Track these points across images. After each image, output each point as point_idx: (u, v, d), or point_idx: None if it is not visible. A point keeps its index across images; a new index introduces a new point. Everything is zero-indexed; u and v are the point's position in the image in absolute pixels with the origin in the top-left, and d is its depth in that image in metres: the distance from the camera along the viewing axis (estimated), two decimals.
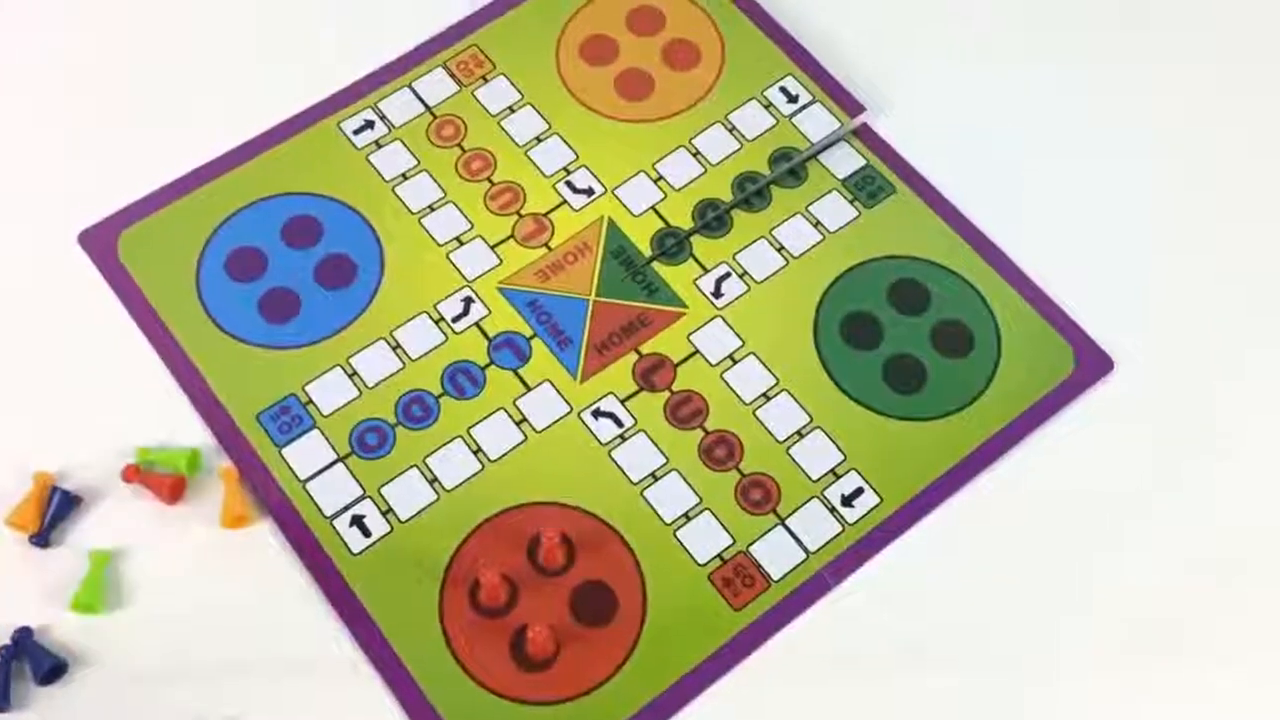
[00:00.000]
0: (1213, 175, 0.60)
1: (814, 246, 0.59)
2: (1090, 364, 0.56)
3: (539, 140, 0.61)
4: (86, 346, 0.56)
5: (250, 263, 0.57)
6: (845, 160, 0.61)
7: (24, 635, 0.49)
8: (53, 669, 0.49)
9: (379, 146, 0.61)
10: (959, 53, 0.64)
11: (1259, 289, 0.58)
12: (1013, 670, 0.50)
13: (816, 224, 0.59)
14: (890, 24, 0.64)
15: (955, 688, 0.50)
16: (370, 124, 0.61)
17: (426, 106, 0.62)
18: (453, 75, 0.63)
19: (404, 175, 0.60)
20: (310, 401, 0.55)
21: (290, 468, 0.53)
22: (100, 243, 0.58)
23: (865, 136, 0.61)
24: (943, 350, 0.56)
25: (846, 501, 0.53)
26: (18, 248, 0.58)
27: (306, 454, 0.54)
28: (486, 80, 0.63)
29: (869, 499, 0.53)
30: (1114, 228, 0.59)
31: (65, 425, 0.54)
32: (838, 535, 0.52)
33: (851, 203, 0.60)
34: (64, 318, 0.57)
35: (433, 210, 0.59)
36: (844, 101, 0.62)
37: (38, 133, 0.61)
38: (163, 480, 0.52)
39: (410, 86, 0.62)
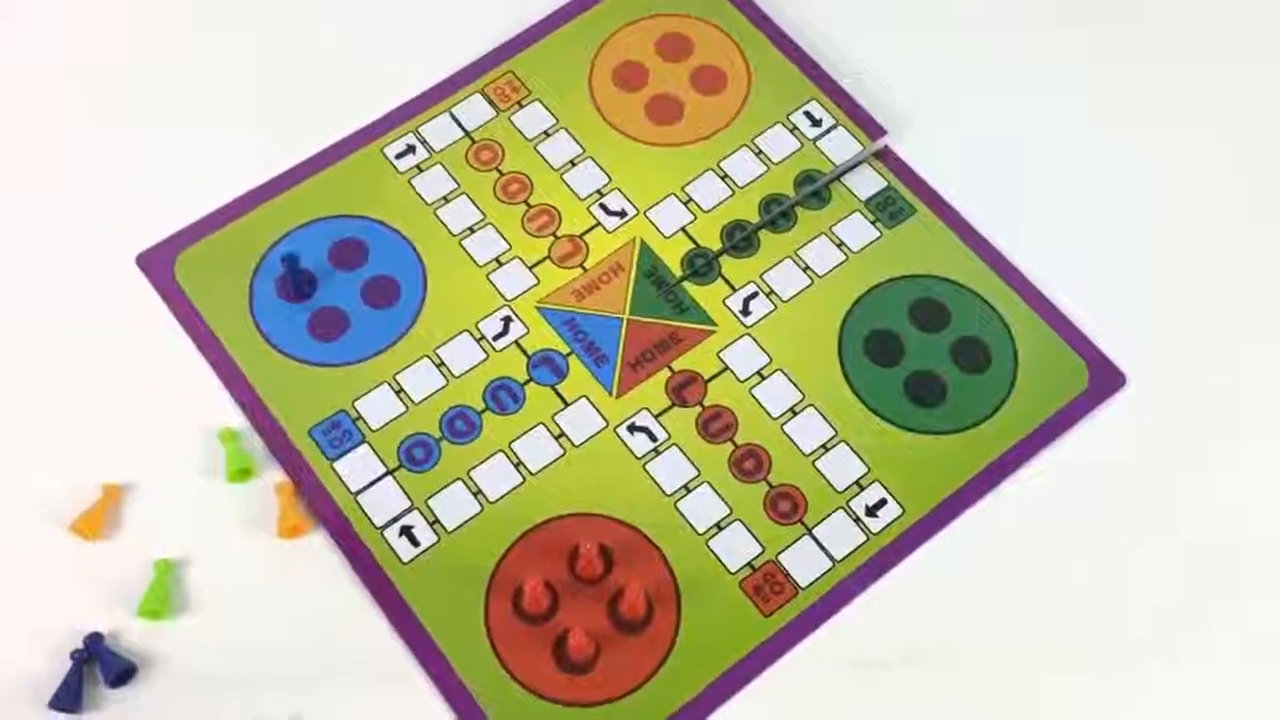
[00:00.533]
0: (1225, 203, 0.63)
1: (838, 266, 0.61)
2: (1103, 379, 0.58)
3: (573, 164, 0.64)
4: (147, 364, 0.59)
5: (301, 284, 0.60)
6: (867, 182, 0.63)
7: (95, 640, 0.52)
8: (123, 672, 0.52)
9: (420, 170, 0.64)
10: (979, 78, 0.66)
11: (1267, 309, 0.60)
12: (1027, 675, 0.53)
13: (840, 244, 0.62)
14: (912, 49, 0.67)
15: (972, 691, 0.53)
16: (412, 149, 0.64)
17: (465, 131, 0.65)
18: (490, 101, 0.65)
19: (445, 198, 0.63)
20: (360, 417, 0.57)
21: (342, 480, 0.56)
22: (158, 264, 0.61)
23: (887, 159, 0.64)
24: (962, 366, 0.59)
25: (870, 512, 0.56)
26: (79, 269, 0.61)
27: (357, 467, 0.56)
28: (522, 105, 0.65)
29: (892, 509, 0.56)
30: (1127, 247, 0.62)
31: (128, 438, 0.57)
32: (862, 544, 0.55)
33: (873, 223, 0.62)
34: (125, 336, 0.59)
35: (472, 232, 0.62)
36: (866, 125, 0.64)
37: (98, 157, 0.64)
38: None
39: (450, 112, 0.65)
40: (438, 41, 0.67)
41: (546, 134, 0.65)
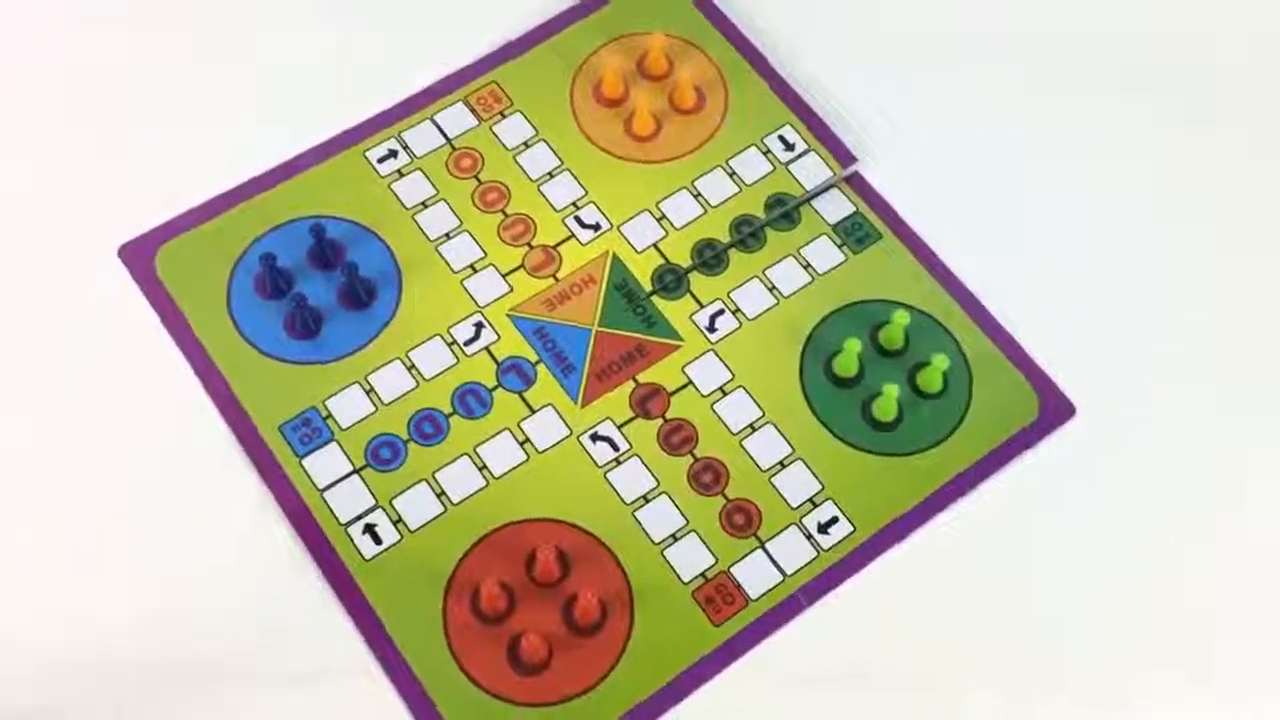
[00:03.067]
0: (1186, 240, 0.65)
1: (803, 288, 0.63)
2: (1054, 410, 0.60)
3: (551, 176, 0.65)
4: (123, 355, 0.60)
5: (278, 282, 0.61)
6: (836, 207, 0.65)
7: None
8: None
9: (401, 175, 0.65)
10: (951, 111, 0.68)
11: (1221, 349, 0.62)
12: (962, 696, 0.55)
13: (807, 266, 0.63)
14: (886, 79, 0.69)
15: (913, 706, 0.54)
16: (394, 153, 0.66)
17: (447, 139, 0.66)
18: (473, 110, 0.67)
19: (424, 204, 0.64)
20: (330, 415, 0.59)
21: (309, 477, 0.58)
22: (139, 257, 0.62)
23: (856, 185, 0.65)
24: (918, 391, 0.60)
25: (823, 529, 0.58)
26: (61, 259, 0.62)
27: (325, 465, 0.58)
28: (504, 116, 0.67)
29: (844, 527, 0.58)
30: (1086, 283, 0.63)
31: (100, 429, 0.58)
32: (813, 560, 0.57)
33: (840, 247, 0.64)
34: (104, 326, 0.61)
35: (449, 238, 0.64)
36: (837, 151, 0.66)
37: (86, 149, 0.65)
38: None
39: (433, 119, 0.66)
40: (424, 49, 0.68)
41: (526, 145, 0.66)
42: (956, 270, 0.63)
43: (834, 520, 0.58)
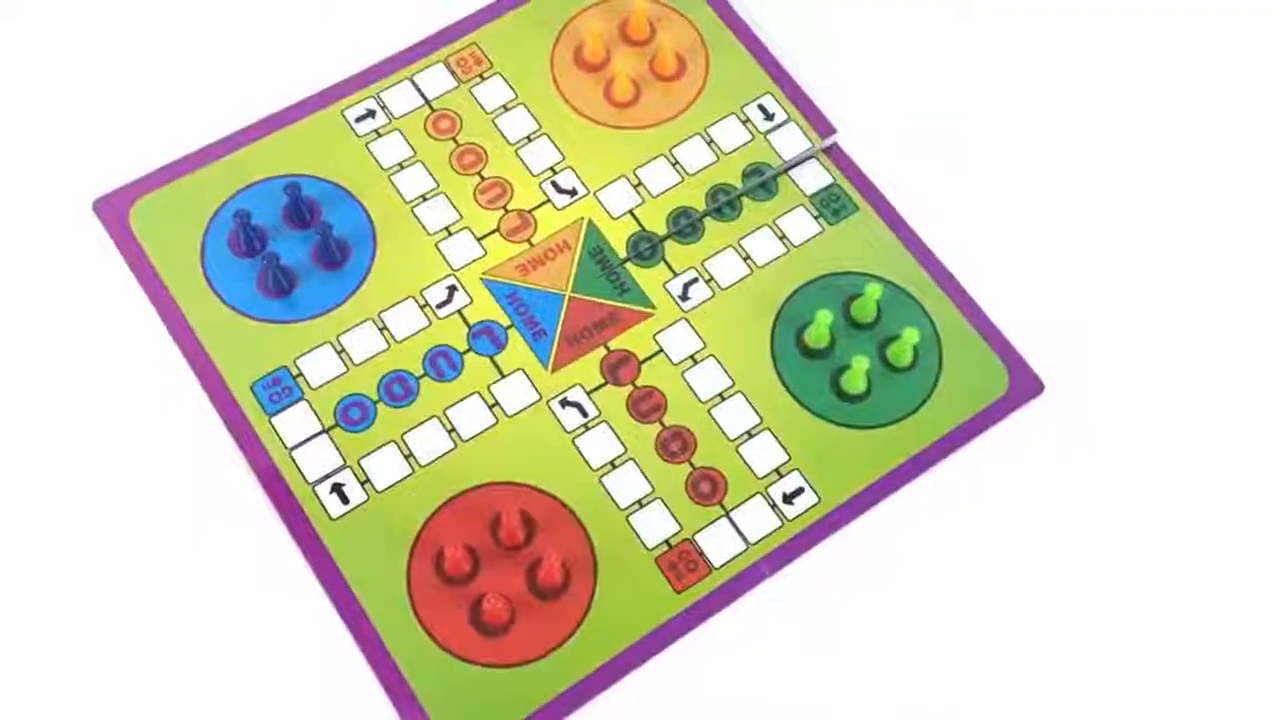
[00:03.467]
0: (1163, 223, 0.65)
1: (778, 259, 0.63)
2: (1022, 386, 0.61)
3: (529, 140, 0.65)
4: (95, 310, 0.60)
5: (252, 239, 0.61)
6: (814, 178, 0.65)
7: None
8: None
9: (379, 135, 0.65)
10: (932, 84, 0.68)
11: (1191, 330, 0.62)
12: (926, 662, 0.55)
13: (782, 237, 0.63)
14: (869, 49, 0.68)
15: (872, 676, 0.55)
16: (372, 113, 0.65)
17: (425, 100, 0.66)
18: (452, 71, 0.67)
19: (400, 164, 0.64)
20: (300, 374, 0.59)
21: (279, 435, 0.58)
22: (113, 211, 0.62)
23: (834, 156, 0.65)
24: (888, 364, 0.61)
25: (787, 499, 0.58)
26: (34, 211, 0.62)
27: (294, 423, 0.58)
28: (484, 78, 0.67)
29: (808, 498, 0.58)
30: (1060, 262, 0.64)
31: (72, 385, 0.59)
32: (777, 529, 0.57)
33: (816, 219, 0.64)
34: (76, 280, 0.61)
35: (425, 200, 0.63)
36: (816, 122, 0.66)
37: (62, 100, 0.65)
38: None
39: (411, 79, 0.66)
40: (404, 8, 0.68)
41: (505, 108, 0.66)
42: (932, 245, 0.63)
43: (799, 491, 0.58)
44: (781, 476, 0.58)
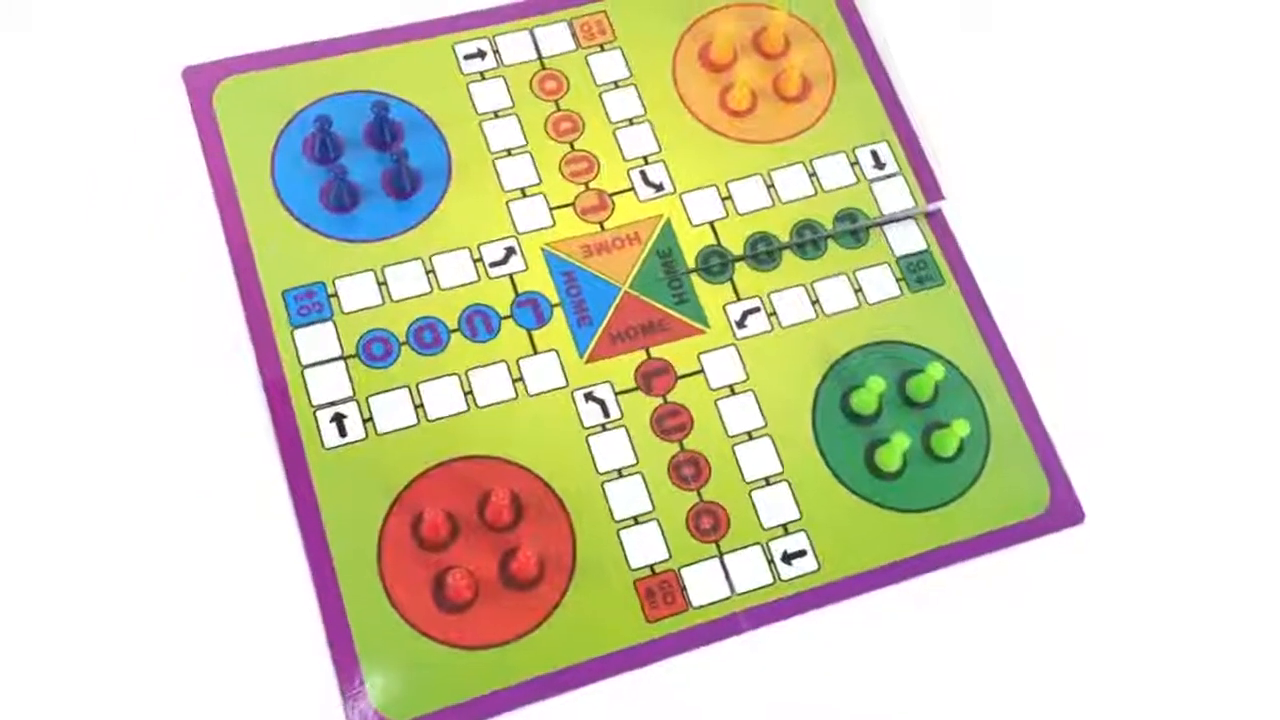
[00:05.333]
0: (1249, 383, 0.61)
1: (847, 311, 0.60)
2: (1063, 510, 0.57)
3: (631, 123, 0.63)
4: (158, 174, 0.59)
5: (328, 147, 0.59)
6: (907, 239, 0.62)
7: None
8: None
9: (483, 78, 0.63)
10: (1058, 176, 0.64)
11: (1254, 494, 0.58)
12: None
13: (858, 290, 0.60)
14: (1002, 125, 0.65)
15: None
16: (482, 54, 0.63)
17: (539, 55, 0.64)
18: (574, 33, 0.64)
19: (495, 113, 0.62)
20: (335, 295, 0.57)
21: (296, 349, 0.56)
22: (201, 82, 0.61)
23: (934, 222, 0.62)
24: (929, 450, 0.57)
25: (787, 558, 0.55)
26: (127, 65, 0.61)
27: (315, 342, 0.56)
28: (604, 49, 0.64)
29: (808, 563, 0.55)
30: (1136, 398, 0.60)
31: (107, 233, 0.58)
32: (767, 585, 0.54)
33: (898, 281, 0.61)
34: (145, 142, 0.59)
35: (510, 155, 0.61)
36: (926, 183, 0.62)
37: None
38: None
39: (531, 31, 0.64)
40: None
41: (616, 84, 0.63)
42: (1009, 339, 0.60)
43: (801, 553, 0.55)
44: (787, 533, 0.55)
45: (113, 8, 0.62)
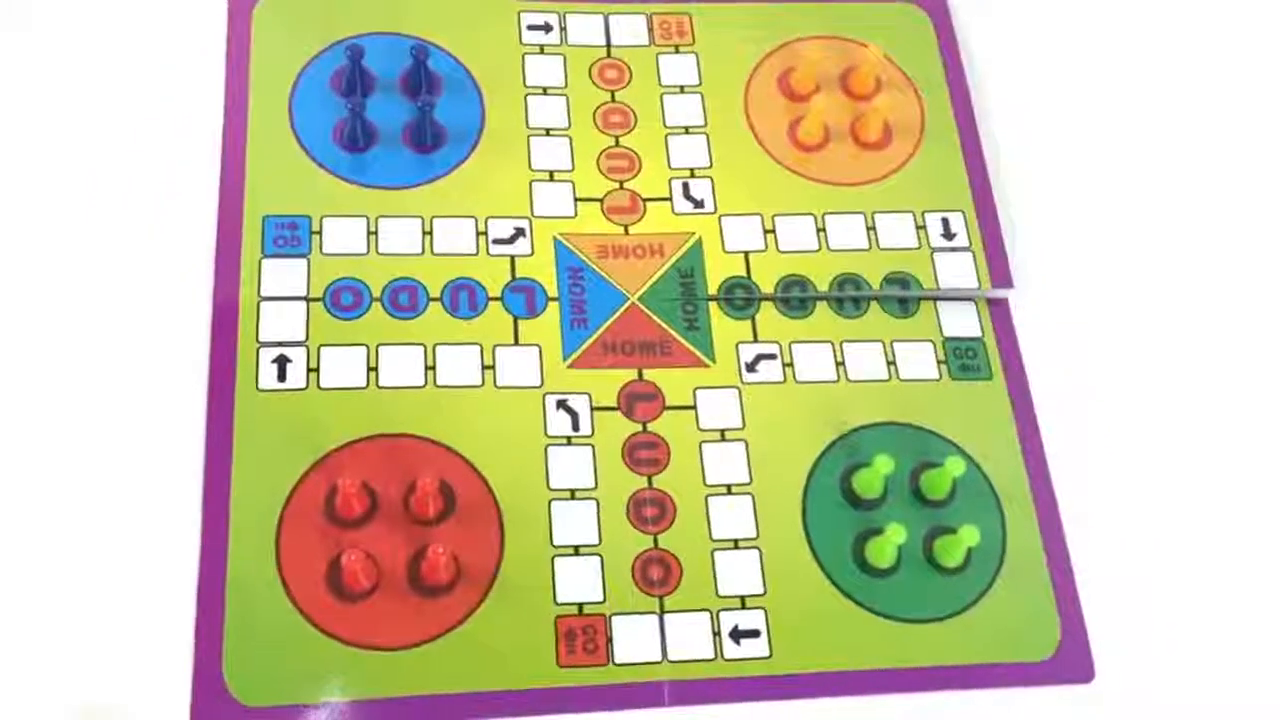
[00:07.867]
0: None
1: (873, 381, 0.53)
2: (1069, 663, 0.48)
3: (687, 131, 0.57)
4: (177, 70, 0.55)
5: (355, 82, 0.55)
6: (962, 321, 0.55)
7: None
8: None
9: (541, 51, 0.58)
10: (1144, 286, 0.57)
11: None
12: None
13: (891, 363, 0.53)
14: (1090, 224, 0.58)
15: None
16: (548, 28, 0.58)
17: (608, 42, 0.59)
18: (651, 29, 0.59)
19: (544, 89, 0.57)
20: (319, 233, 0.52)
21: (259, 278, 0.51)
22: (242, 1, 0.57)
23: (995, 310, 0.55)
24: (929, 556, 0.50)
25: (736, 635, 0.47)
26: None
27: (282, 275, 0.51)
28: (678, 51, 0.59)
29: (759, 646, 0.47)
30: (1179, 551, 0.51)
31: (106, 118, 0.54)
32: (705, 660, 0.47)
33: (939, 364, 0.53)
34: (176, 40, 0.56)
35: (548, 134, 0.56)
36: (996, 266, 0.55)
37: None
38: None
39: (606, 17, 0.59)
40: None
41: (682, 89, 0.58)
42: (1050, 452, 0.52)
43: (754, 633, 0.47)
44: (744, 607, 0.48)
45: None
